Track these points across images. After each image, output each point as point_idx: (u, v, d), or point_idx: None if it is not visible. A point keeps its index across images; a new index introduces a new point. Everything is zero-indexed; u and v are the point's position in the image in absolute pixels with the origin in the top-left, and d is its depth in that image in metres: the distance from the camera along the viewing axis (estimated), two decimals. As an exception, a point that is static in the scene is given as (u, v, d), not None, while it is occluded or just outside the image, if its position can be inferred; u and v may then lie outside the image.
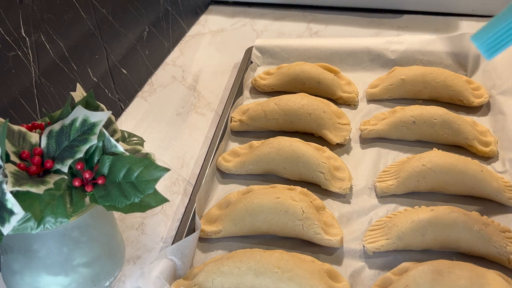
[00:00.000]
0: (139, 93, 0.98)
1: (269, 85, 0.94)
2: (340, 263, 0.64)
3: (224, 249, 0.66)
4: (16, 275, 0.53)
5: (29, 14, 0.66)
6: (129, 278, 0.64)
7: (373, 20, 1.19)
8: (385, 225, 0.66)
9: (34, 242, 0.51)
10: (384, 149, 0.81)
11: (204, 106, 0.94)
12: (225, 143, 0.83)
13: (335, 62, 1.00)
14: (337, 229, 0.66)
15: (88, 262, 0.54)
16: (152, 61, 1.03)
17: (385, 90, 0.91)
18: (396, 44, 1.00)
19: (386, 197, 0.73)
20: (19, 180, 0.44)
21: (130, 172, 0.48)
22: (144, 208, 0.48)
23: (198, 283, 0.59)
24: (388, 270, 0.62)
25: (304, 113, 0.82)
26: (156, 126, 0.90)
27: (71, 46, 0.76)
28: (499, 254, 0.62)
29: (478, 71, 0.94)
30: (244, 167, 0.76)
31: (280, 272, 0.57)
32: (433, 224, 0.63)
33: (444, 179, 0.70)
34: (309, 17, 1.22)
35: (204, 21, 1.24)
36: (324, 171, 0.73)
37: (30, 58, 0.67)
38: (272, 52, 1.03)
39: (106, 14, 0.85)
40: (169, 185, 0.77)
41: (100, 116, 0.49)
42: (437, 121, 0.79)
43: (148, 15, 0.99)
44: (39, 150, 0.48)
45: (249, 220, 0.66)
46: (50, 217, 0.46)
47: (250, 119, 0.84)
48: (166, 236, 0.69)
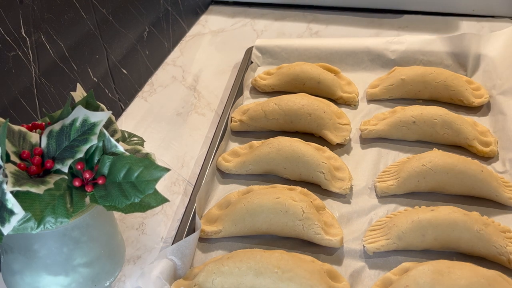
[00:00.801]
0: (139, 93, 0.98)
1: (269, 85, 0.94)
2: (340, 263, 0.64)
3: (224, 249, 0.66)
4: (16, 275, 0.53)
5: (29, 14, 0.66)
6: (129, 278, 0.64)
7: (373, 20, 1.19)
8: (385, 225, 0.66)
9: (34, 242, 0.51)
10: (384, 149, 0.81)
11: (204, 106, 0.94)
12: (225, 143, 0.83)
13: (335, 62, 1.00)
14: (337, 229, 0.66)
15: (88, 262, 0.54)
16: (152, 61, 1.03)
17: (385, 90, 0.91)
18: (396, 44, 0.99)
19: (386, 197, 0.73)
20: (19, 180, 0.44)
21: (130, 172, 0.48)
22: (144, 208, 0.48)
23: (198, 283, 0.59)
24: (388, 270, 0.62)
25: (304, 113, 0.82)
26: (156, 126, 0.90)
27: (71, 46, 0.76)
28: (499, 254, 0.62)
29: (478, 71, 0.94)
30: (244, 167, 0.76)
31: (280, 272, 0.57)
32: (433, 224, 0.63)
33: (444, 179, 0.70)
34: (309, 17, 1.22)
35: (204, 21, 1.24)
36: (324, 171, 0.73)
37: (30, 58, 0.67)
38: (272, 52, 1.03)
39: (106, 14, 0.85)
40: (169, 185, 0.77)
41: (100, 116, 0.49)
42: (437, 121, 0.79)
43: (148, 15, 0.99)
44: (39, 150, 0.48)
45: (249, 220, 0.66)
46: (50, 217, 0.46)
47: (250, 119, 0.84)
48: (166, 236, 0.69)
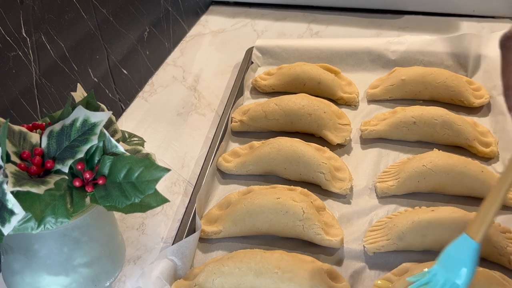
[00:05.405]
0: (140, 93, 0.98)
1: (270, 85, 0.94)
2: (340, 263, 0.64)
3: (225, 250, 0.66)
4: (16, 275, 0.53)
5: (30, 14, 0.66)
6: (129, 278, 0.64)
7: (373, 21, 1.19)
8: (386, 226, 0.66)
9: (35, 242, 0.51)
10: (384, 150, 0.81)
11: (205, 106, 0.94)
12: (225, 143, 0.83)
13: (335, 62, 1.00)
14: (337, 230, 0.66)
15: (89, 262, 0.54)
16: (152, 61, 1.03)
17: (386, 91, 0.91)
18: (397, 44, 0.99)
19: (387, 198, 0.73)
20: (19, 180, 0.44)
21: (131, 172, 0.48)
22: (145, 208, 0.48)
23: (199, 283, 0.59)
24: (388, 271, 0.61)
25: (305, 114, 0.81)
26: (157, 127, 0.90)
27: (72, 46, 0.76)
28: (500, 254, 0.62)
29: (479, 72, 0.94)
30: (244, 168, 0.76)
31: (280, 273, 0.57)
32: (433, 225, 0.63)
33: (444, 179, 0.70)
34: (310, 18, 1.22)
35: (205, 21, 1.24)
36: (324, 172, 0.73)
37: (31, 58, 0.67)
38: (272, 53, 1.03)
39: (106, 14, 0.85)
40: (169, 186, 0.77)
41: (100, 117, 0.49)
42: (437, 122, 0.79)
43: (149, 15, 0.99)
44: (39, 150, 0.48)
45: (250, 220, 0.66)
46: (51, 217, 0.46)
47: (251, 119, 0.84)
48: (167, 236, 0.69)
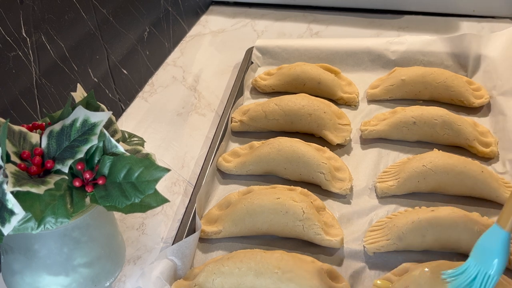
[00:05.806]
0: (140, 93, 0.98)
1: (270, 85, 0.94)
2: (340, 263, 0.64)
3: (225, 250, 0.66)
4: (16, 275, 0.53)
5: (30, 14, 0.66)
6: (129, 278, 0.64)
7: (373, 21, 1.19)
8: (386, 226, 0.66)
9: (35, 242, 0.51)
10: (384, 150, 0.81)
11: (205, 106, 0.94)
12: (225, 143, 0.83)
13: (335, 62, 1.00)
14: (337, 230, 0.66)
15: (89, 262, 0.54)
16: (152, 61, 1.03)
17: (386, 91, 0.91)
18: (397, 44, 0.99)
19: (387, 198, 0.73)
20: (19, 180, 0.44)
21: (131, 172, 0.48)
22: (145, 208, 0.48)
23: (199, 283, 0.59)
24: (388, 271, 0.62)
25: (305, 114, 0.81)
26: (157, 127, 0.90)
27: (72, 46, 0.76)
28: (500, 254, 0.62)
29: (479, 72, 0.94)
30: (244, 168, 0.76)
31: (280, 273, 0.57)
32: (433, 225, 0.63)
33: (444, 179, 0.70)
34: (310, 18, 1.22)
35: (205, 21, 1.24)
36: (324, 172, 0.73)
37: (31, 58, 0.67)
38: (272, 53, 1.03)
39: (106, 14, 0.85)
40: (169, 186, 0.77)
41: (100, 117, 0.49)
42: (437, 122, 0.79)
43: (149, 15, 0.99)
44: (39, 151, 0.48)
45: (250, 220, 0.66)
46: (51, 217, 0.46)
47: (251, 119, 0.84)
48: (167, 236, 0.69)
